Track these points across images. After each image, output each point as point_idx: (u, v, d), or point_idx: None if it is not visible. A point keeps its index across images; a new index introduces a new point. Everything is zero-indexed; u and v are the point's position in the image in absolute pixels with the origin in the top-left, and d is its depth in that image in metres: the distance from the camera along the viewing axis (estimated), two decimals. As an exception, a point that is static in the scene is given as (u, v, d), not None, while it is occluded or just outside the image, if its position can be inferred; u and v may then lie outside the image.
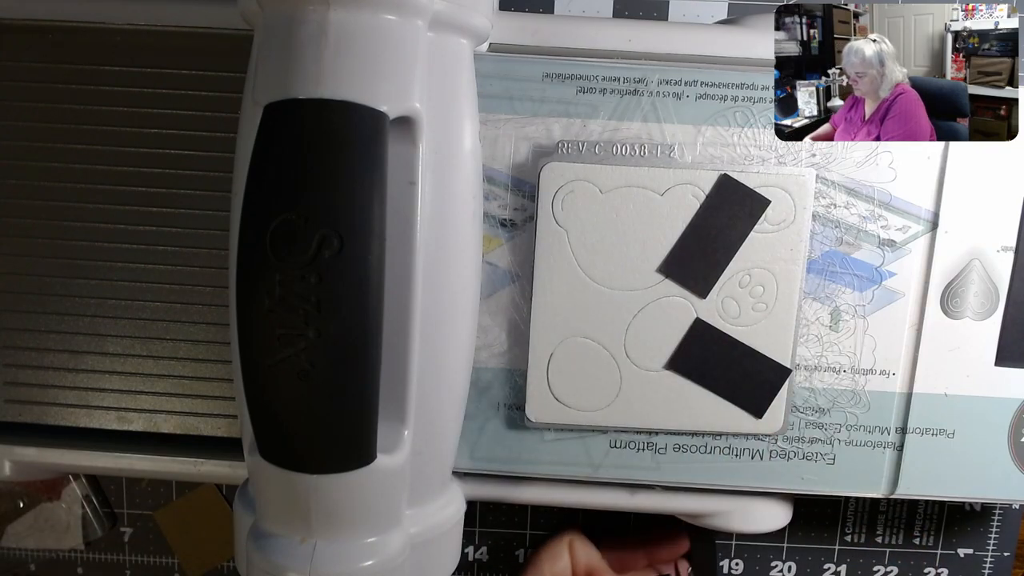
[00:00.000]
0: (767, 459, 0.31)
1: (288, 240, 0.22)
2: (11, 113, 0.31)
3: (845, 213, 0.30)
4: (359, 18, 0.24)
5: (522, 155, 0.29)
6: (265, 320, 0.22)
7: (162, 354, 0.32)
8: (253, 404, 0.23)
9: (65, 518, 0.44)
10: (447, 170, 0.27)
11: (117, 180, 0.31)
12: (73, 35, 0.31)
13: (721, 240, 0.29)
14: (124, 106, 0.31)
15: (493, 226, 0.30)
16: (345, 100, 0.23)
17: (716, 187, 0.29)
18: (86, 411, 0.33)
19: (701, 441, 0.31)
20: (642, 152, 0.29)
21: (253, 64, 0.26)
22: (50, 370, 0.33)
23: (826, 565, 0.45)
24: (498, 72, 0.29)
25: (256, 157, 0.23)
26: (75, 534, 0.45)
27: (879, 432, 0.31)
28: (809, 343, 0.30)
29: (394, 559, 0.26)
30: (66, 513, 0.44)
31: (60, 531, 0.45)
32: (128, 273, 0.32)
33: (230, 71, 0.30)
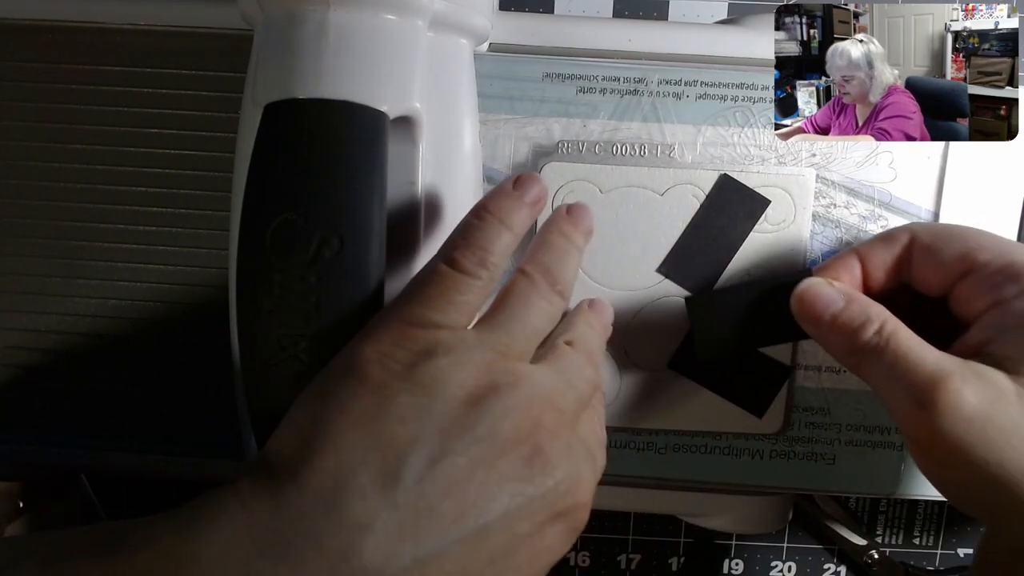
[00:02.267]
0: (767, 459, 0.31)
1: (288, 240, 0.22)
2: (11, 113, 0.31)
3: (845, 213, 0.30)
4: (359, 18, 0.24)
5: (522, 155, 0.29)
6: (265, 320, 0.22)
7: (162, 354, 0.32)
8: (253, 404, 0.23)
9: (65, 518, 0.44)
10: (447, 170, 0.27)
11: (117, 180, 0.31)
12: (72, 35, 0.31)
13: (721, 240, 0.29)
14: (123, 106, 0.31)
15: (493, 226, 0.30)
16: (345, 100, 0.23)
17: (716, 187, 0.29)
18: (86, 411, 0.33)
19: (701, 441, 0.31)
20: (642, 152, 0.29)
21: (253, 64, 0.26)
22: (50, 370, 0.33)
23: (826, 565, 0.45)
24: (498, 72, 0.29)
25: (256, 157, 0.23)
26: (75, 534, 0.45)
27: (879, 432, 0.31)
28: (809, 343, 0.30)
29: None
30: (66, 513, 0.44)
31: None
32: (128, 273, 0.32)
33: (230, 71, 0.30)
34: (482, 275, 0.23)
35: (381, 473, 0.20)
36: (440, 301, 0.22)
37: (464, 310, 0.22)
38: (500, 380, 0.21)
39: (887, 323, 0.25)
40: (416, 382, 0.21)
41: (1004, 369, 0.24)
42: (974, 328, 0.26)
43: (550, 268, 0.24)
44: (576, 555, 0.46)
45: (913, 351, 0.25)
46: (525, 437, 0.21)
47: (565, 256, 0.25)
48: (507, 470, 0.21)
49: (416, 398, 0.20)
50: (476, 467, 0.20)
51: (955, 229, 0.27)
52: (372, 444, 0.20)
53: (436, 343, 0.21)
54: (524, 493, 0.21)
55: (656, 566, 0.46)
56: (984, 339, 0.25)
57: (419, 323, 0.22)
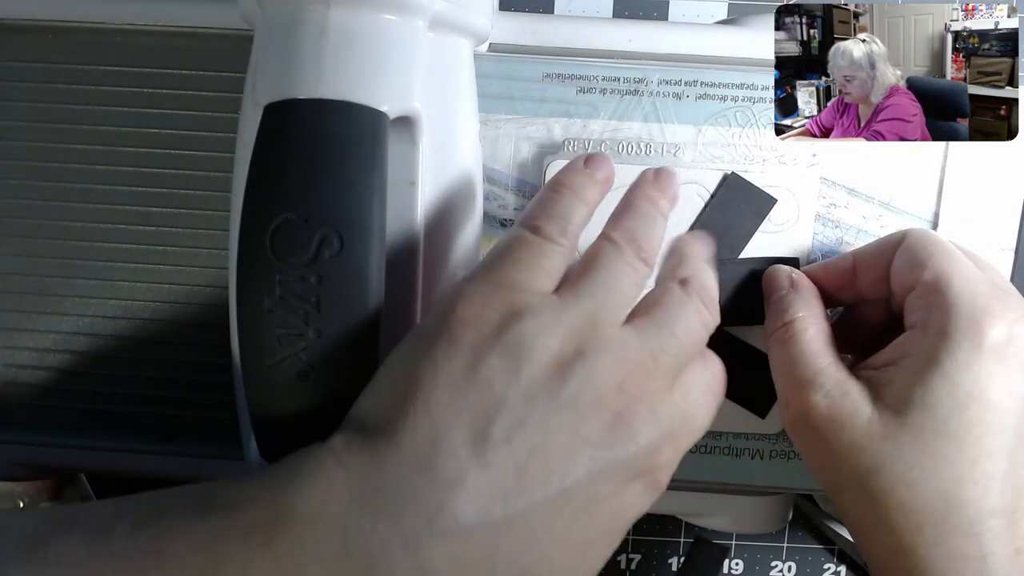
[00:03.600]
0: (767, 459, 0.31)
1: (288, 240, 0.22)
2: (11, 113, 0.31)
3: (845, 213, 0.30)
4: (359, 18, 0.24)
5: (523, 155, 0.29)
6: (265, 320, 0.22)
7: (162, 354, 0.32)
8: (253, 404, 0.23)
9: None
10: (447, 170, 0.27)
11: (117, 180, 0.31)
12: (72, 35, 0.31)
13: (727, 238, 0.29)
14: (124, 106, 0.31)
15: (493, 226, 0.30)
16: (345, 100, 0.23)
17: (724, 185, 0.29)
18: (86, 411, 0.33)
19: (701, 441, 0.31)
20: (647, 151, 0.29)
21: (253, 64, 0.26)
22: (50, 370, 0.33)
23: (826, 565, 0.45)
24: (498, 72, 0.29)
25: (256, 157, 0.23)
26: (75, 534, 0.44)
27: (879, 432, 0.31)
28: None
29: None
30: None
31: (60, 531, 0.45)
32: (128, 273, 0.32)
33: (230, 71, 0.30)
34: (564, 242, 0.23)
35: (471, 434, 0.20)
36: (528, 264, 0.23)
37: (550, 275, 0.23)
38: (586, 346, 0.22)
39: (801, 321, 0.26)
40: (505, 344, 0.21)
41: (879, 395, 0.25)
42: (892, 344, 0.26)
43: (636, 235, 0.24)
44: (576, 555, 0.46)
45: (805, 355, 0.26)
46: (608, 403, 0.21)
47: (651, 223, 0.25)
48: (589, 435, 0.21)
49: (504, 360, 0.21)
50: (559, 432, 0.21)
51: (938, 242, 0.26)
52: (463, 405, 0.20)
53: (525, 306, 0.22)
54: (604, 458, 0.21)
55: (656, 566, 0.46)
56: (889, 359, 0.26)
57: (508, 285, 0.22)
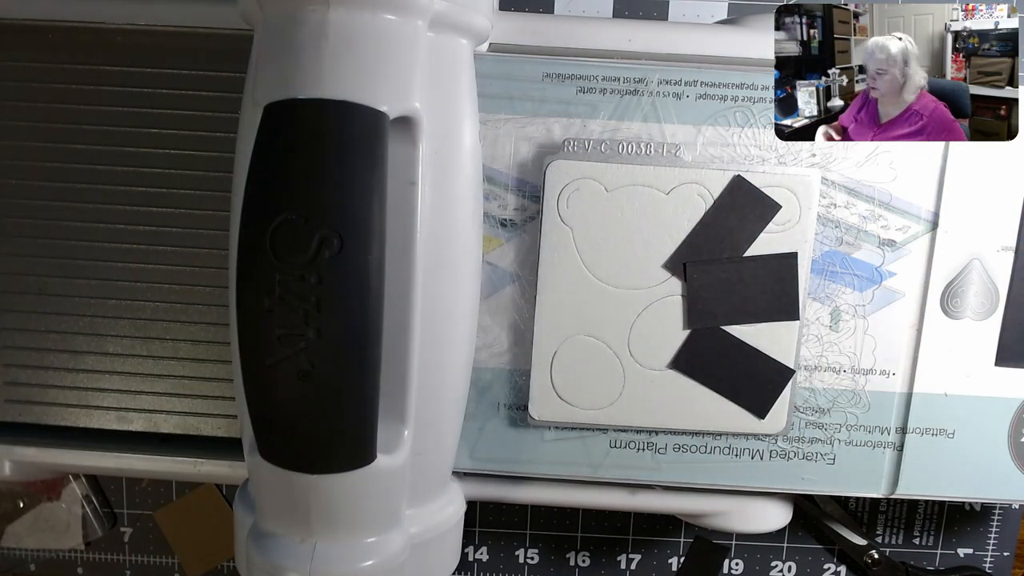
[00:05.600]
0: (767, 459, 0.31)
1: (288, 240, 0.22)
2: (11, 113, 0.31)
3: (845, 213, 0.30)
4: (359, 18, 0.24)
5: (522, 155, 0.29)
6: (265, 320, 0.22)
7: (162, 354, 0.32)
8: (253, 404, 0.23)
9: (65, 518, 0.44)
10: (447, 170, 0.27)
11: (117, 180, 0.31)
12: (73, 35, 0.31)
13: (729, 240, 0.29)
14: (123, 106, 0.31)
15: (493, 226, 0.30)
16: (345, 100, 0.23)
17: (728, 188, 0.29)
18: (86, 411, 0.33)
19: (701, 441, 0.31)
20: (648, 151, 0.29)
21: (253, 64, 0.26)
22: (50, 370, 0.33)
23: (826, 565, 0.45)
24: (498, 72, 0.29)
25: (256, 157, 0.23)
26: (75, 534, 0.45)
27: (879, 432, 0.31)
28: (809, 343, 0.30)
29: (394, 559, 0.26)
30: (66, 513, 0.44)
31: (60, 531, 0.45)
32: (128, 273, 0.32)
33: (230, 71, 0.30)
34: None
35: None
36: None
37: None
38: None
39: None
40: None
41: None
42: None
43: None
44: (576, 555, 0.46)
45: None
46: None
47: None
48: None
49: None
50: None
51: None
52: None
53: None
54: None
55: (656, 566, 0.46)
56: None
57: None
